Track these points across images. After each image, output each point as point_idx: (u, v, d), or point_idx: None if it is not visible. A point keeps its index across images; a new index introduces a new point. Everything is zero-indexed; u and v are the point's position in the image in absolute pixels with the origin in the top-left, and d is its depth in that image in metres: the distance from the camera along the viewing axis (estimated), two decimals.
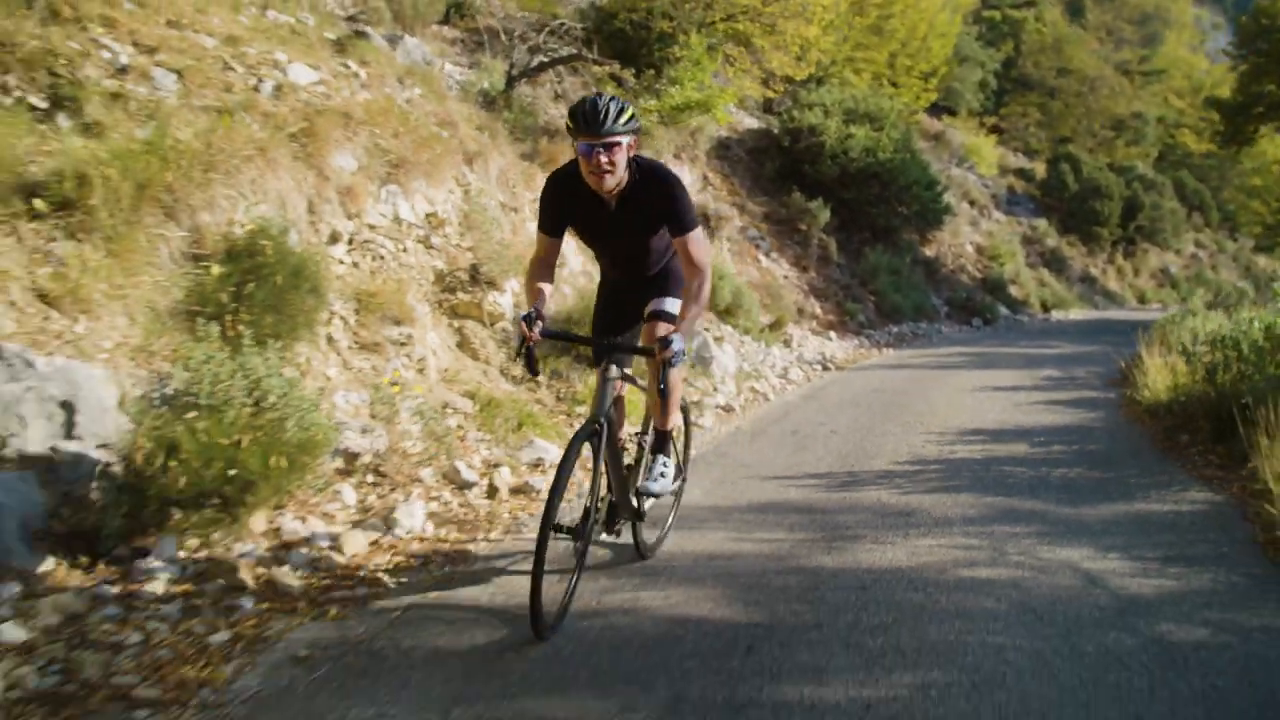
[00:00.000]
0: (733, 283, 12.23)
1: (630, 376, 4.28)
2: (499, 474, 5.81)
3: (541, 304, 3.98)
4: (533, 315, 3.83)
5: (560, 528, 3.75)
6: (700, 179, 15.58)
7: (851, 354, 13.98)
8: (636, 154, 3.90)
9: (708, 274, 3.99)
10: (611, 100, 3.72)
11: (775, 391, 10.29)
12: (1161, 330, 10.62)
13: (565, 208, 4.02)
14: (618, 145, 3.72)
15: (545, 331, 3.91)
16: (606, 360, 4.06)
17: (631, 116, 3.75)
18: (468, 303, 7.47)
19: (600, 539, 4.42)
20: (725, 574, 4.47)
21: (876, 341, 15.47)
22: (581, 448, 3.82)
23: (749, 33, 15.00)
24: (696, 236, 3.96)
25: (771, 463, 6.85)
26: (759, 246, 15.42)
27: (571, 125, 3.75)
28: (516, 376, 7.45)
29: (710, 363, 9.83)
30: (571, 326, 7.61)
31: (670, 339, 3.76)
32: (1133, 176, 33.20)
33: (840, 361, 12.99)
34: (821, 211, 16.77)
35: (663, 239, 4.13)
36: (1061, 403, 9.63)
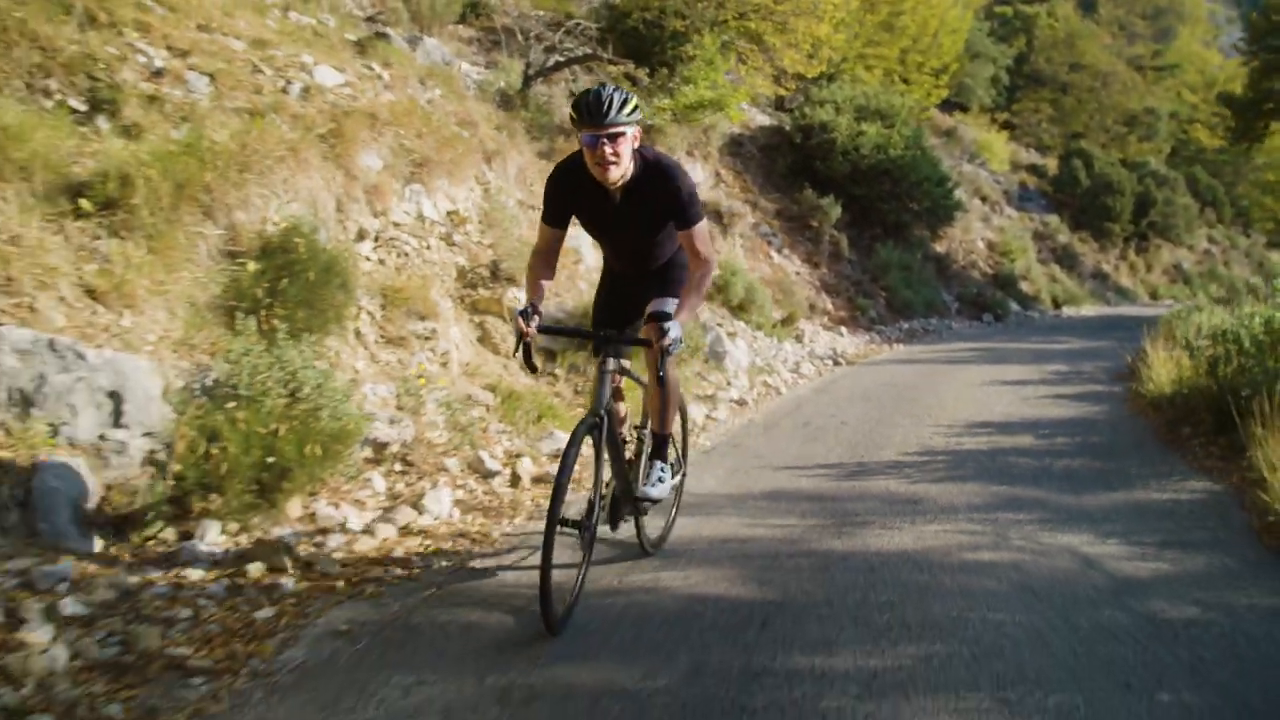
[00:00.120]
0: (745, 279, 12.37)
1: (627, 369, 4.28)
2: (521, 464, 6.01)
3: (539, 299, 3.98)
4: (529, 311, 3.83)
5: (566, 521, 3.72)
6: (713, 176, 15.71)
7: (862, 349, 14.11)
8: (641, 146, 3.88)
9: (711, 266, 4.00)
10: (615, 91, 3.71)
11: (787, 385, 10.44)
12: (1167, 325, 10.72)
13: (570, 199, 4.02)
14: (622, 136, 3.70)
15: (542, 327, 3.94)
16: (604, 352, 4.02)
17: (635, 107, 3.72)
18: (488, 298, 7.68)
19: (604, 535, 4.41)
20: (740, 556, 4.66)
21: (887, 337, 15.59)
22: (583, 441, 3.80)
23: (761, 30, 15.09)
24: (701, 230, 3.95)
25: (784, 453, 7.03)
26: (771, 243, 15.55)
27: (575, 116, 3.73)
28: (534, 370, 7.61)
29: (724, 357, 10.02)
30: (585, 322, 7.76)
31: (666, 328, 3.74)
32: (1145, 172, 32.98)
33: (851, 356, 13.12)
34: (833, 208, 16.88)
35: (668, 232, 4.11)
36: (1068, 397, 9.76)
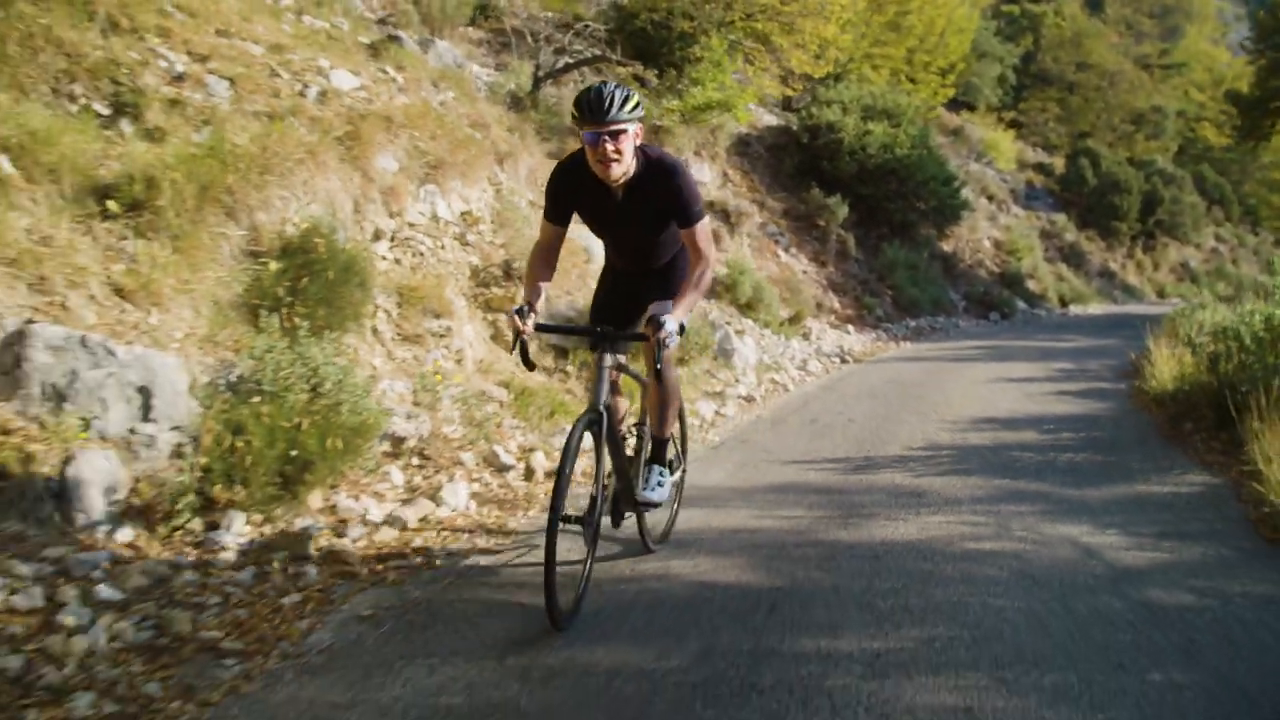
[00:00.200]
0: (753, 277, 12.49)
1: (625, 365, 4.27)
2: (534, 458, 6.15)
3: (536, 297, 3.99)
4: (525, 309, 3.85)
5: (568, 518, 3.73)
6: (720, 176, 15.83)
7: (869, 347, 14.21)
8: (644, 144, 3.89)
9: (712, 263, 4.00)
10: (616, 88, 3.71)
11: (795, 383, 10.56)
12: (1171, 323, 10.82)
13: (572, 197, 4.02)
14: (623, 133, 3.70)
15: (539, 325, 3.97)
16: (602, 349, 4.00)
17: (637, 105, 3.72)
18: (501, 297, 7.81)
19: (608, 531, 4.46)
20: (749, 546, 4.80)
21: (894, 335, 15.68)
22: (583, 438, 3.80)
23: (768, 31, 15.21)
24: (703, 228, 3.96)
25: (791, 448, 7.16)
26: (778, 242, 15.66)
27: (577, 114, 3.73)
28: (547, 368, 7.76)
29: (732, 355, 10.17)
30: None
31: (663, 320, 3.74)
32: (1152, 171, 32.96)
33: (858, 354, 13.22)
34: (840, 207, 16.95)
35: (671, 232, 4.10)
36: (1072, 393, 9.86)
